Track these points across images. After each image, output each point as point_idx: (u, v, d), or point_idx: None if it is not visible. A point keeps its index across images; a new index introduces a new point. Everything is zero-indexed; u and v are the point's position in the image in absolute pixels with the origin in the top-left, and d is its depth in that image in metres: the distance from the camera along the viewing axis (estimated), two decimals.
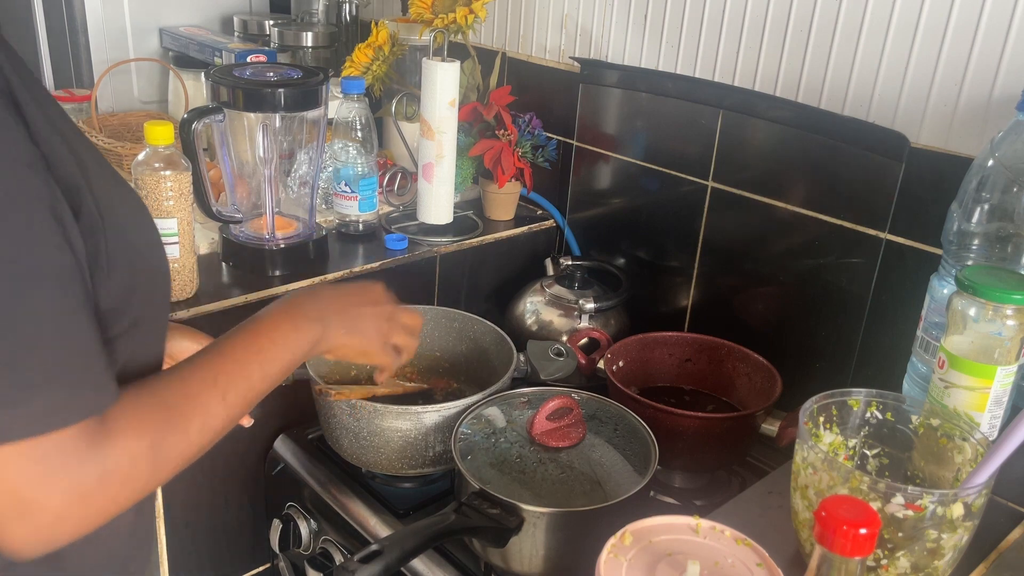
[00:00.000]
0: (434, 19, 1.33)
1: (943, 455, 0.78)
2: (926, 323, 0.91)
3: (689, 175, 1.28)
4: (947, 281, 0.89)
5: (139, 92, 1.79)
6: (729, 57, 1.21)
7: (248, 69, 1.19)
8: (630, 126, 1.36)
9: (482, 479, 0.91)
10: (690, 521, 0.72)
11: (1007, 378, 0.81)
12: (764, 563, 0.68)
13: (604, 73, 1.37)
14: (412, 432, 1.02)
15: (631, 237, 1.41)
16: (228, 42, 1.67)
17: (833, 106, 1.11)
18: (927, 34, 1.01)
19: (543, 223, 1.50)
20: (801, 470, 0.74)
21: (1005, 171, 0.86)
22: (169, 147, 1.07)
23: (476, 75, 1.45)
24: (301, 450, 1.17)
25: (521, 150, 1.41)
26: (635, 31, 1.33)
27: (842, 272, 1.12)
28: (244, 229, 1.25)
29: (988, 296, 0.78)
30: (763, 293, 1.23)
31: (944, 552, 0.69)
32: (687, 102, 1.26)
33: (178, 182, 1.07)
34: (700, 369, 1.19)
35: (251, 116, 1.17)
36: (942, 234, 0.91)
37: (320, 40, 1.74)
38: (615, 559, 0.67)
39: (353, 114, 1.35)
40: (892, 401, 0.81)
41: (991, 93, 0.97)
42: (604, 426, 1.01)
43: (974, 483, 0.68)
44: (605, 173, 1.42)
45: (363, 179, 1.34)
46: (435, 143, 1.33)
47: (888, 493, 0.67)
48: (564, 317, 1.31)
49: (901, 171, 1.03)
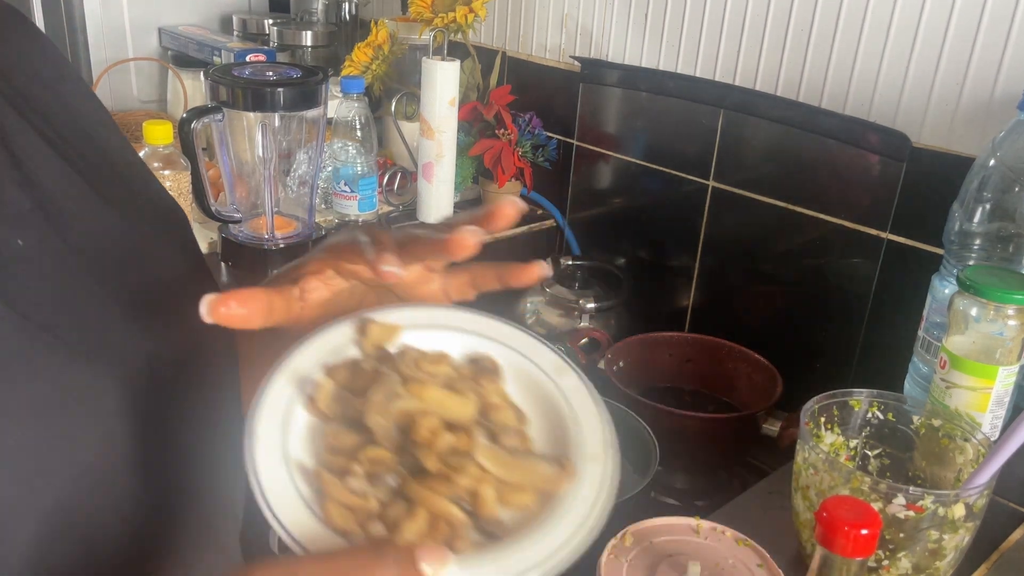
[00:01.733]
0: (434, 18, 1.33)
1: (944, 455, 0.78)
2: (927, 323, 0.91)
3: (690, 175, 1.28)
4: (948, 281, 0.89)
5: (138, 91, 1.79)
6: (730, 56, 1.21)
7: (247, 68, 1.19)
8: (630, 125, 1.36)
9: None
10: (691, 522, 0.71)
11: (1009, 378, 0.80)
12: (765, 564, 0.68)
13: (604, 72, 1.37)
14: None
15: (632, 237, 1.41)
16: (227, 41, 1.67)
17: (834, 105, 1.11)
18: (928, 33, 1.01)
19: (543, 223, 1.49)
20: (802, 471, 0.74)
21: (1007, 171, 0.86)
22: (168, 147, 1.07)
23: (476, 74, 1.45)
24: None
25: (521, 150, 1.41)
26: (636, 30, 1.33)
27: (843, 272, 1.12)
28: (243, 229, 1.24)
29: (990, 296, 0.78)
30: (764, 293, 1.23)
31: (945, 553, 0.69)
32: (688, 101, 1.26)
33: (177, 182, 1.07)
34: (701, 369, 1.19)
35: (250, 115, 1.17)
36: (943, 234, 0.91)
37: (319, 39, 1.74)
38: (615, 560, 0.67)
39: (353, 113, 1.34)
40: (893, 401, 0.81)
41: (992, 92, 0.97)
42: None
43: (975, 484, 0.68)
44: (605, 173, 1.42)
45: (363, 179, 1.34)
46: (435, 142, 1.33)
47: (889, 494, 0.67)
48: (564, 317, 1.31)
49: (902, 171, 1.03)
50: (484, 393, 0.48)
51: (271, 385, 0.45)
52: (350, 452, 0.44)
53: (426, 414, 0.45)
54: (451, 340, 0.51)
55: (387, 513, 0.42)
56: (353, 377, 0.47)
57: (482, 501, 0.43)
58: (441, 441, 0.44)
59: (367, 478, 0.43)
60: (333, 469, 0.43)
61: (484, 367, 0.50)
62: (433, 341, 0.50)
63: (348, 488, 0.42)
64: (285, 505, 0.40)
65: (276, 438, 0.43)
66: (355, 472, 0.43)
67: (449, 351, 0.50)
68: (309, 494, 0.42)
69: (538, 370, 0.51)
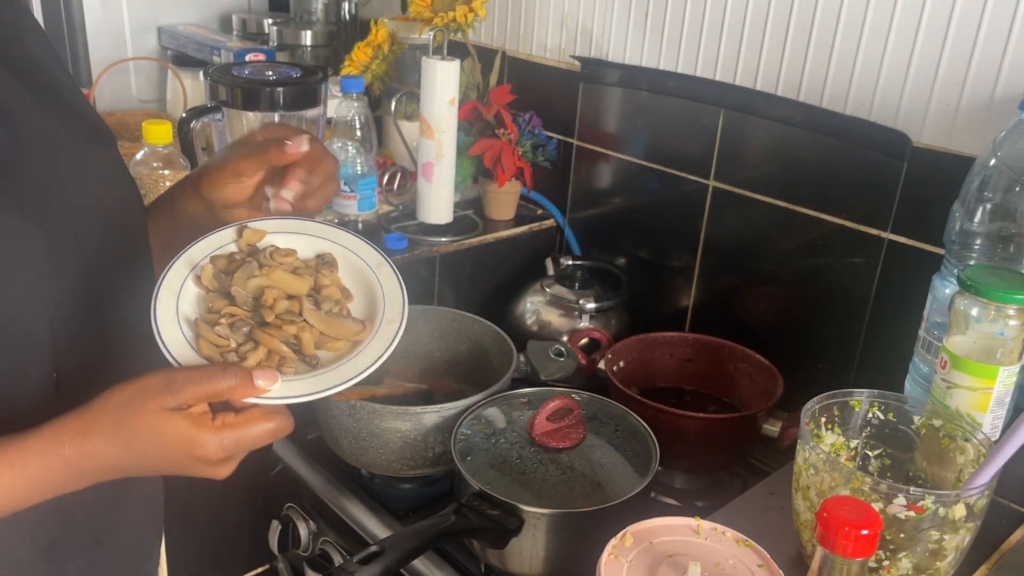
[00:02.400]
0: (434, 17, 1.33)
1: (945, 456, 0.78)
2: (928, 323, 0.91)
3: (690, 174, 1.28)
4: (949, 281, 0.89)
5: (137, 91, 1.78)
6: (730, 56, 1.21)
7: (247, 68, 1.19)
8: (631, 125, 1.36)
9: (482, 480, 0.91)
10: (691, 522, 0.71)
11: (1009, 378, 0.80)
12: (765, 564, 0.68)
13: (605, 72, 1.37)
14: (412, 433, 1.01)
15: (632, 237, 1.41)
16: (227, 41, 1.67)
17: (835, 105, 1.11)
18: (929, 33, 1.01)
19: (543, 223, 1.49)
20: (803, 471, 0.74)
21: (1007, 170, 0.85)
22: (167, 146, 1.06)
23: (476, 74, 1.45)
24: (300, 451, 1.16)
25: (521, 149, 1.41)
26: (636, 30, 1.33)
27: (844, 272, 1.12)
28: None
29: (990, 296, 0.78)
30: (764, 293, 1.23)
31: (946, 553, 0.69)
32: (688, 101, 1.26)
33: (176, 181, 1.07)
34: (701, 369, 1.19)
35: (250, 115, 1.17)
36: (944, 234, 0.90)
37: (319, 39, 1.74)
38: (616, 560, 0.67)
39: (352, 113, 1.34)
40: (894, 401, 0.81)
41: (993, 92, 0.97)
42: (605, 427, 1.01)
43: (976, 484, 0.68)
44: (606, 172, 1.42)
45: (362, 178, 1.34)
46: (435, 142, 1.33)
47: (890, 494, 0.67)
48: (564, 317, 1.31)
49: (903, 170, 1.03)
50: (319, 278, 0.70)
51: (173, 266, 0.68)
52: (220, 312, 0.66)
53: (271, 288, 0.67)
54: (304, 242, 0.73)
55: (240, 350, 0.65)
56: (229, 264, 0.69)
57: (304, 343, 0.66)
58: (279, 305, 0.67)
59: (229, 328, 0.65)
60: (207, 321, 0.66)
61: (325, 260, 0.73)
62: (290, 242, 0.72)
63: (216, 333, 0.65)
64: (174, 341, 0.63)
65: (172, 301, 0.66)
66: (221, 324, 0.65)
67: (300, 249, 0.72)
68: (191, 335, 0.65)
69: (364, 263, 0.73)
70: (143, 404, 0.58)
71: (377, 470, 1.07)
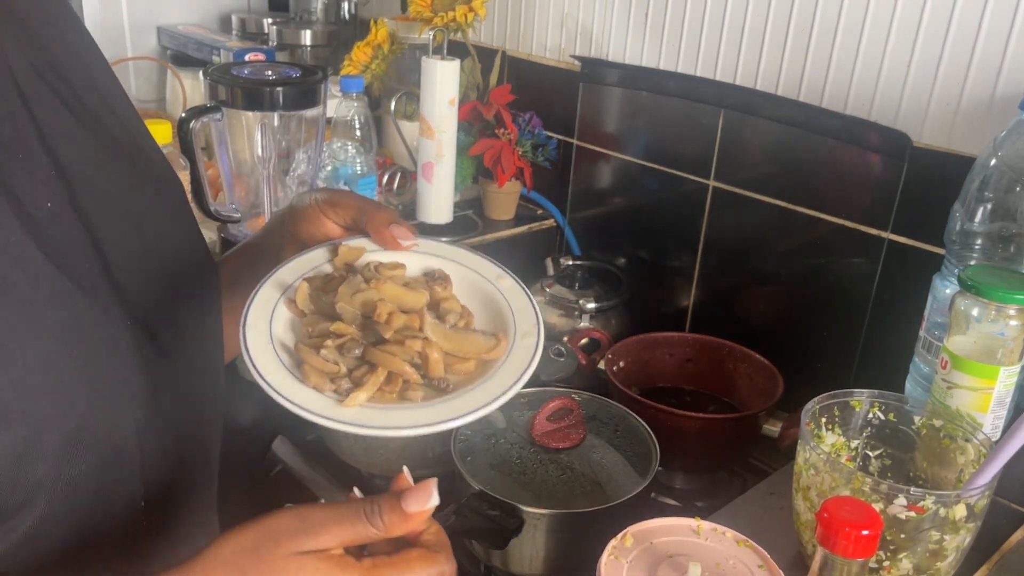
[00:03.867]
0: (433, 17, 1.33)
1: (946, 456, 0.78)
2: (928, 323, 0.90)
3: (690, 174, 1.27)
4: (950, 281, 0.89)
5: (137, 91, 1.78)
6: (730, 56, 1.21)
7: (246, 68, 1.18)
8: (631, 125, 1.36)
9: (482, 480, 0.91)
10: (691, 523, 0.71)
11: (1010, 378, 0.80)
12: (766, 565, 0.68)
13: (605, 72, 1.37)
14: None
15: (632, 237, 1.41)
16: (226, 40, 1.67)
17: (835, 105, 1.10)
18: (929, 32, 1.01)
19: (543, 223, 1.49)
20: (803, 471, 0.74)
21: (1008, 170, 0.85)
22: (167, 146, 1.06)
23: (476, 74, 1.44)
24: (300, 451, 1.16)
25: (521, 149, 1.41)
26: (636, 30, 1.33)
27: (844, 272, 1.12)
28: (243, 228, 1.24)
29: (991, 296, 0.77)
30: (765, 293, 1.23)
31: (946, 553, 0.69)
32: (688, 101, 1.26)
33: None
34: (701, 369, 1.19)
35: (249, 115, 1.17)
36: (944, 234, 0.90)
37: (319, 39, 1.74)
38: (616, 561, 0.66)
39: (352, 113, 1.34)
40: (894, 402, 0.81)
41: (994, 92, 0.97)
42: (605, 427, 1.01)
43: (977, 484, 0.68)
44: (606, 172, 1.42)
45: (362, 178, 1.34)
46: (434, 142, 1.33)
47: (890, 494, 0.67)
48: (564, 317, 1.31)
49: (903, 170, 1.03)
50: (434, 291, 0.61)
51: (260, 289, 0.58)
52: (323, 334, 0.56)
53: (384, 302, 0.57)
54: (408, 259, 0.63)
55: (354, 375, 0.54)
56: (325, 283, 0.60)
57: (430, 362, 0.56)
58: (396, 319, 0.56)
59: (337, 350, 0.55)
60: (310, 346, 0.55)
61: (436, 276, 0.63)
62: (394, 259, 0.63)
63: (322, 357, 0.54)
64: (271, 371, 0.53)
65: (264, 325, 0.56)
66: (327, 346, 0.55)
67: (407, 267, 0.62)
68: (290, 362, 0.54)
69: (481, 277, 0.64)
70: (272, 549, 0.48)
71: (377, 470, 1.06)
